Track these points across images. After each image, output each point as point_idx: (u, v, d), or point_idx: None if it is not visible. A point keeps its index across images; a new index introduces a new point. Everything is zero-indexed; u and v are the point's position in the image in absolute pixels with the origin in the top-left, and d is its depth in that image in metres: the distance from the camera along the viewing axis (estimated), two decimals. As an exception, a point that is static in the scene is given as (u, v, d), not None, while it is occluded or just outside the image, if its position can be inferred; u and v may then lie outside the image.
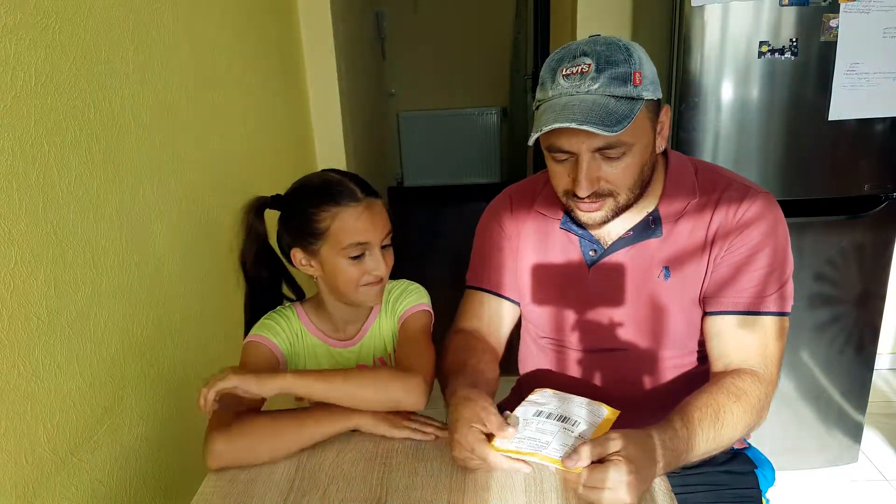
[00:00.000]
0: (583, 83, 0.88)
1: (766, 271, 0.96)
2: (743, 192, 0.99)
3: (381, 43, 4.63)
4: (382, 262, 0.97)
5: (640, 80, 0.89)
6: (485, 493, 0.80)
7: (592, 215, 0.96)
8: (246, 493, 0.82)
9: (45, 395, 0.84)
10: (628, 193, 0.94)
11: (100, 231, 0.98)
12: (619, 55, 0.89)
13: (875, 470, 1.92)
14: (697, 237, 0.99)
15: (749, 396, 0.91)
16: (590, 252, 1.04)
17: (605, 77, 0.88)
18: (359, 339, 1.06)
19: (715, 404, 0.89)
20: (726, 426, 0.88)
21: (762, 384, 0.93)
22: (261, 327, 1.02)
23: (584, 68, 0.88)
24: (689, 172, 1.02)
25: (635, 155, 0.91)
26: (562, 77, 0.90)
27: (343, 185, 0.95)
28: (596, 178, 0.92)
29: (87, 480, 0.93)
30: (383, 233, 0.97)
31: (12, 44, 0.79)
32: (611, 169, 0.92)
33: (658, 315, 1.01)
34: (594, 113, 0.86)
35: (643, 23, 1.97)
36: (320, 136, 2.37)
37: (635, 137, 0.90)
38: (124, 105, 1.05)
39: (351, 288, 0.97)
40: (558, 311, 1.08)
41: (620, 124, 0.85)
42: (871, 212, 1.69)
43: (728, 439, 0.90)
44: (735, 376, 0.93)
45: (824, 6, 1.51)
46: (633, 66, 0.88)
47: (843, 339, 1.79)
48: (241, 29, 1.65)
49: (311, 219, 0.94)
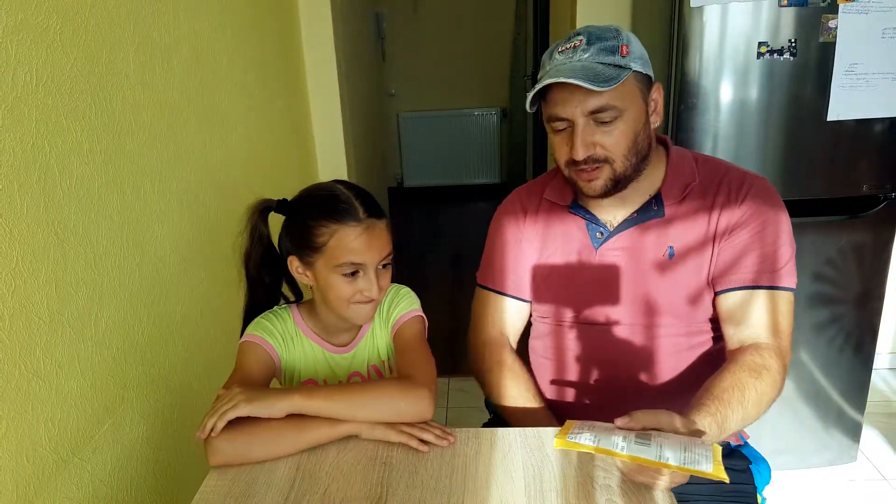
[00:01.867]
0: (574, 54, 0.97)
1: (773, 248, 1.01)
2: (742, 175, 1.05)
3: (381, 43, 4.63)
4: (375, 284, 0.96)
5: (628, 51, 0.96)
6: (485, 493, 0.80)
7: (592, 185, 1.01)
8: (246, 493, 0.82)
9: (46, 395, 0.85)
10: (623, 161, 0.99)
11: (101, 231, 0.98)
12: (608, 33, 0.98)
13: (874, 469, 1.93)
14: (701, 218, 1.04)
15: (770, 371, 0.95)
16: (596, 234, 1.09)
17: (595, 48, 0.96)
18: (353, 346, 1.06)
19: (740, 384, 0.93)
20: (752, 403, 0.92)
21: (779, 357, 0.98)
22: (256, 327, 1.02)
23: (577, 43, 0.98)
24: (689, 161, 1.09)
25: (627, 122, 0.97)
26: (557, 53, 0.99)
27: (348, 203, 0.94)
28: (591, 143, 0.98)
29: (88, 480, 0.93)
30: (381, 255, 0.96)
31: (13, 44, 0.80)
32: (604, 136, 0.97)
33: (663, 293, 1.06)
34: (583, 73, 0.94)
35: (642, 23, 1.97)
36: (320, 137, 2.37)
37: (625, 103, 0.96)
38: (125, 105, 1.06)
39: (342, 304, 0.97)
40: (567, 292, 1.12)
41: (608, 83, 0.93)
42: (869, 212, 1.69)
43: (755, 416, 0.94)
44: (753, 352, 0.97)
45: (823, 7, 1.51)
46: (620, 40, 0.97)
47: (842, 338, 1.79)
48: (241, 29, 1.66)
49: (310, 231, 0.94)
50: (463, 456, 0.88)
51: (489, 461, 0.87)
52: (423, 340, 1.03)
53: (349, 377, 1.06)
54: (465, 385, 2.42)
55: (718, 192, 1.04)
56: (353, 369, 1.06)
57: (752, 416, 0.93)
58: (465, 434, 0.92)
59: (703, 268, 1.04)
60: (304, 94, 2.27)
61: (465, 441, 0.91)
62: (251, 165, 1.69)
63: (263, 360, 1.00)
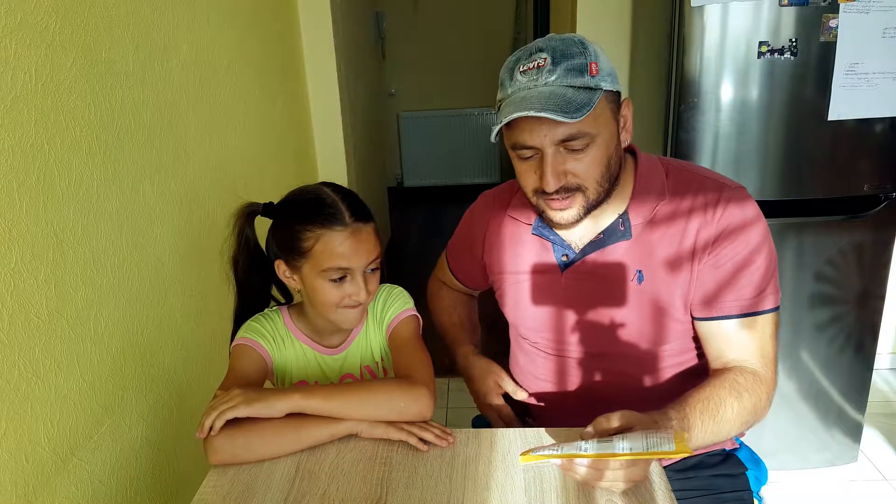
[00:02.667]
0: (540, 76, 0.88)
1: (753, 269, 0.95)
2: (718, 190, 0.97)
3: (381, 43, 4.62)
4: (363, 289, 0.95)
5: (597, 70, 0.88)
6: (485, 493, 0.80)
7: (563, 214, 0.94)
8: (246, 493, 0.82)
9: (46, 395, 0.85)
10: (597, 188, 0.93)
11: (100, 231, 0.98)
12: (573, 48, 0.89)
13: (874, 470, 1.92)
14: (672, 239, 0.97)
15: (751, 395, 0.91)
16: (562, 257, 1.03)
17: (562, 69, 0.87)
18: (344, 347, 1.05)
19: (717, 398, 0.89)
20: (725, 421, 0.89)
21: (763, 384, 0.94)
22: (248, 330, 1.02)
23: (541, 62, 0.88)
24: (659, 173, 1.01)
25: (599, 147, 0.90)
26: (519, 73, 0.91)
27: (334, 207, 0.93)
28: (563, 173, 0.91)
29: (87, 480, 0.93)
30: (367, 259, 0.95)
31: (13, 44, 0.80)
32: (576, 163, 0.90)
33: (632, 318, 1.00)
34: (553, 102, 0.85)
35: (643, 23, 1.97)
36: (320, 137, 2.37)
37: (597, 128, 0.89)
38: (124, 105, 1.06)
39: (329, 309, 0.96)
40: (534, 315, 1.08)
41: (580, 111, 0.84)
42: (870, 212, 1.69)
43: (725, 434, 0.91)
44: (737, 373, 0.93)
45: (824, 6, 1.51)
46: (588, 57, 0.88)
47: (843, 338, 1.79)
48: (241, 29, 1.66)
49: (296, 236, 0.94)
50: (463, 456, 0.88)
51: (489, 461, 0.86)
52: (418, 339, 1.03)
53: (341, 379, 1.05)
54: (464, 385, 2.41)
55: (693, 210, 0.96)
56: (344, 371, 1.06)
57: (723, 433, 0.89)
58: (465, 434, 0.92)
59: (676, 292, 0.97)
60: (303, 94, 2.27)
61: (465, 441, 0.91)
62: (250, 166, 1.69)
63: (256, 363, 0.99)
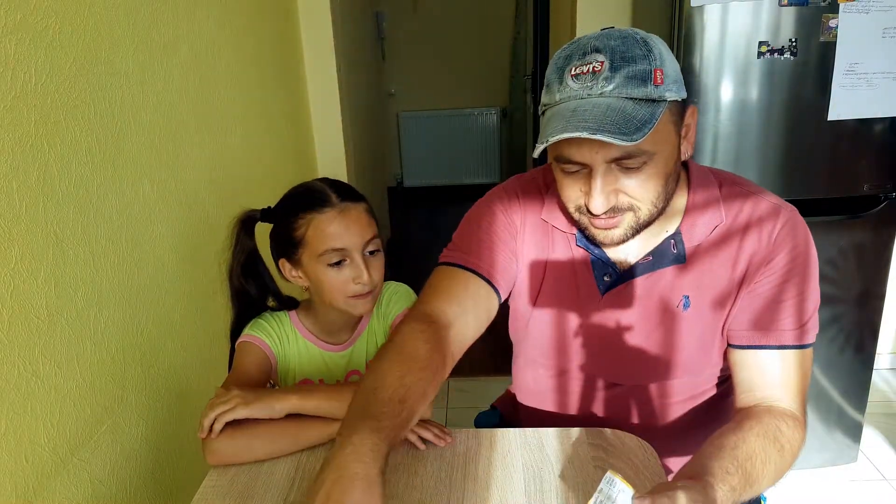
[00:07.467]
0: (595, 84, 0.76)
1: (800, 298, 0.86)
2: (773, 209, 0.88)
3: (380, 43, 4.62)
4: (364, 271, 0.94)
5: (662, 78, 0.76)
6: (485, 493, 0.80)
7: (610, 233, 0.84)
8: (246, 493, 0.82)
9: (45, 395, 0.85)
10: (651, 208, 0.82)
11: (100, 231, 0.98)
12: (636, 50, 0.75)
13: (874, 470, 1.92)
14: (724, 262, 0.88)
15: (793, 447, 0.82)
16: (604, 277, 0.92)
17: (621, 76, 0.75)
18: (349, 344, 1.06)
19: (764, 455, 0.78)
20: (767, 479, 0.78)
21: (801, 431, 0.84)
22: (253, 327, 1.03)
23: (597, 67, 0.75)
24: (714, 189, 0.90)
25: (658, 164, 0.79)
26: (570, 78, 0.77)
27: (322, 192, 0.95)
28: (613, 192, 0.80)
29: (87, 480, 0.93)
30: (362, 238, 0.94)
31: (12, 44, 0.79)
32: (630, 181, 0.79)
33: (672, 347, 0.92)
34: (609, 119, 0.73)
35: (643, 23, 1.97)
36: (320, 136, 2.37)
37: (658, 145, 0.78)
38: (124, 105, 1.06)
39: (338, 298, 0.96)
40: (564, 337, 0.98)
41: (640, 131, 0.72)
42: (870, 212, 1.69)
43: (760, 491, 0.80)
44: (780, 420, 0.82)
45: (824, 6, 1.51)
46: (653, 62, 0.75)
47: (843, 338, 1.79)
48: (241, 29, 1.66)
49: (289, 227, 0.95)
50: (463, 456, 0.88)
51: (489, 461, 0.86)
52: None
53: (347, 375, 1.06)
54: (465, 385, 2.41)
55: (747, 231, 0.87)
56: (350, 367, 1.06)
57: (760, 490, 0.79)
58: (465, 434, 0.92)
59: (721, 319, 0.89)
60: (303, 94, 2.27)
61: (465, 441, 0.91)
62: (250, 166, 1.69)
63: (260, 360, 1.00)
